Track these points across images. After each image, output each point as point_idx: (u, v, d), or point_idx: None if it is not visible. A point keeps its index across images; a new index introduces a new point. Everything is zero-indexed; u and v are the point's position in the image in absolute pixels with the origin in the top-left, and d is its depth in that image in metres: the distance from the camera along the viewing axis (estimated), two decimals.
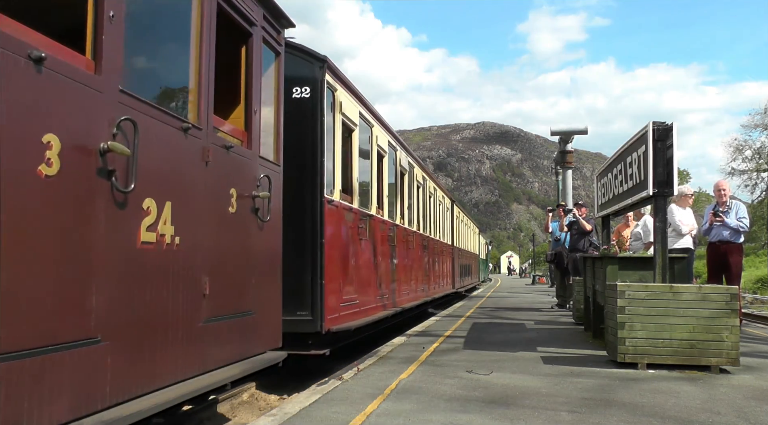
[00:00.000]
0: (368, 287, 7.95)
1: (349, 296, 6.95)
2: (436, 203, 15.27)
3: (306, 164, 6.13)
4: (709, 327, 5.29)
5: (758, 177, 46.80)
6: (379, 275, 8.62)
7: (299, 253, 5.98)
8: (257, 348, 4.43)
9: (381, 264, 8.71)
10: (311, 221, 6.08)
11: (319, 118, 6.17)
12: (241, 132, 4.38)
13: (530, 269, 67.44)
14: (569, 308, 11.99)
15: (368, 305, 7.85)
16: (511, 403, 4.09)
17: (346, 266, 6.97)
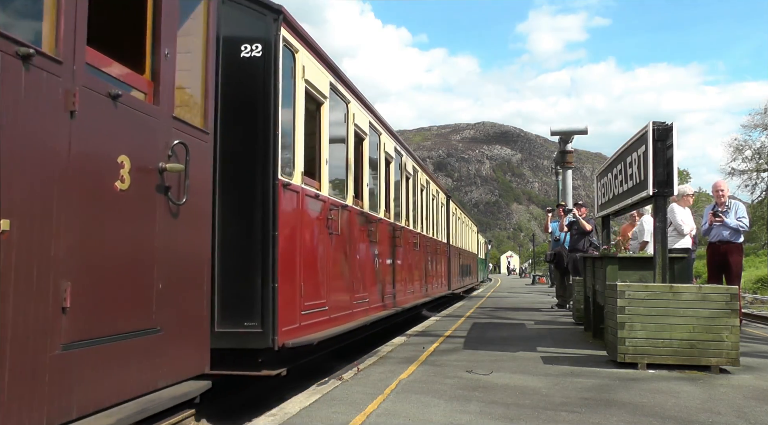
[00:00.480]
0: (341, 290, 6.76)
1: (315, 302, 5.79)
2: (429, 197, 13.96)
3: (256, 138, 4.96)
4: (709, 327, 5.29)
5: (758, 177, 46.83)
6: (357, 276, 7.43)
7: (246, 249, 4.89)
8: (167, 377, 3.39)
9: (359, 264, 7.55)
10: (262, 210, 4.90)
11: (273, 82, 4.97)
12: (145, 82, 3.32)
13: (530, 269, 67.44)
14: (569, 308, 11.99)
15: (342, 311, 6.67)
16: (511, 403, 4.09)
17: (311, 266, 5.80)
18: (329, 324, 6.14)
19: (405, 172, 11.03)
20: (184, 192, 3.57)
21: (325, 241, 6.21)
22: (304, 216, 5.67)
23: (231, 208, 4.88)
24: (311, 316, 5.66)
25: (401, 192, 10.77)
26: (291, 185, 5.24)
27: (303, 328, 5.39)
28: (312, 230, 5.90)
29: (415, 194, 12.14)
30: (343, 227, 6.78)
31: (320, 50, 6.12)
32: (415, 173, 12.10)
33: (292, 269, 5.26)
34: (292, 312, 5.16)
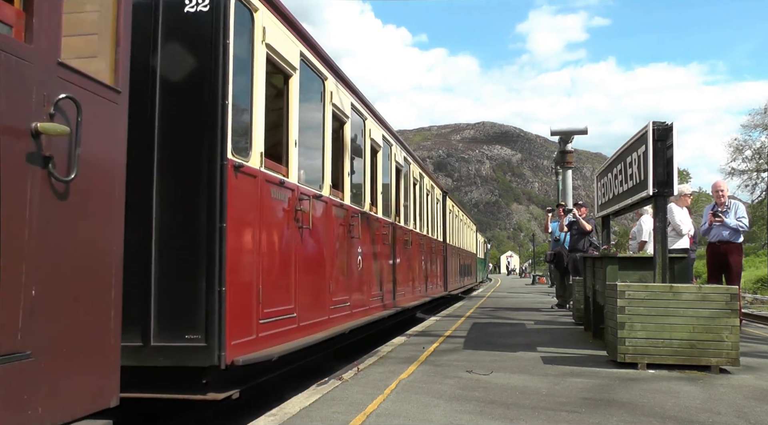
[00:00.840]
0: (315, 294, 5.94)
1: (279, 308, 4.97)
2: (423, 191, 12.93)
3: (200, 108, 4.12)
4: (709, 327, 5.29)
5: (758, 177, 46.85)
6: (336, 277, 6.61)
7: (188, 245, 4.07)
8: (42, 419, 2.41)
9: (339, 263, 6.76)
10: (207, 196, 4.05)
11: (222, 41, 4.16)
12: (12, 12, 2.47)
13: (530, 269, 67.45)
14: (569, 308, 12.00)
15: (315, 318, 5.86)
16: (511, 403, 4.09)
17: (275, 266, 4.97)
18: (298, 333, 5.30)
19: (395, 163, 10.13)
20: (74, 165, 2.59)
21: (293, 237, 5.33)
22: (265, 206, 4.78)
23: (171, 194, 4.11)
24: (274, 325, 4.81)
25: (391, 185, 9.85)
26: (245, 168, 4.37)
27: (261, 340, 4.55)
28: (275, 223, 5.01)
29: (407, 188, 11.27)
30: (317, 221, 5.94)
31: (288, 13, 5.31)
32: (407, 165, 11.16)
33: (247, 270, 4.41)
34: (245, 322, 4.35)
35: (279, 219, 5.10)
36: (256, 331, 4.50)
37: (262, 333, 4.60)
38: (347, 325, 6.69)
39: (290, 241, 5.30)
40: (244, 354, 4.20)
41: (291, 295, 5.23)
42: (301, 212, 5.47)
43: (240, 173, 4.31)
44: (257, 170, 4.63)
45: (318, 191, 6.07)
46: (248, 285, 4.43)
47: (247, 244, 4.48)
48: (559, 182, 21.24)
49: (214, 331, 3.96)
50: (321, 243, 6.14)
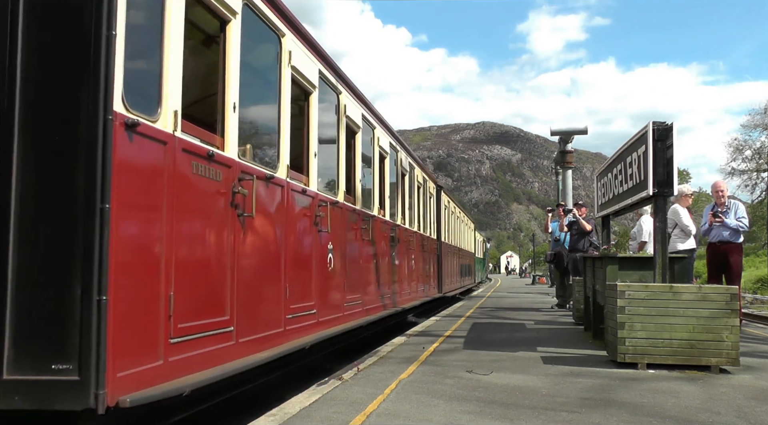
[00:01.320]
0: (265, 300, 4.76)
1: (205, 321, 3.82)
2: (414, 184, 11.74)
3: (76, 40, 3.01)
4: (709, 327, 5.29)
5: (758, 177, 46.83)
6: (298, 279, 5.43)
7: (57, 237, 2.95)
8: None
9: (302, 262, 5.56)
10: (84, 165, 2.93)
11: None
12: None
13: (530, 269, 67.45)
14: (569, 308, 11.99)
15: (265, 330, 4.68)
16: (511, 403, 4.09)
17: (196, 265, 3.78)
18: (236, 352, 4.14)
19: (379, 149, 8.95)
20: None
21: (230, 227, 4.17)
22: (183, 184, 3.63)
23: (38, 163, 2.98)
24: (195, 344, 3.67)
25: (374, 173, 8.67)
26: (146, 129, 3.24)
27: (173, 367, 3.40)
28: (200, 209, 3.86)
29: (395, 178, 10.12)
30: (267, 209, 4.83)
31: None
32: (394, 152, 10.03)
33: (147, 271, 3.28)
34: (144, 343, 3.21)
35: (205, 204, 3.94)
36: (165, 355, 3.34)
37: (175, 356, 3.42)
38: (309, 338, 5.46)
39: (225, 233, 4.12)
40: (139, 389, 3.06)
41: (225, 303, 4.08)
42: (240, 196, 4.26)
43: (137, 135, 3.16)
44: (169, 134, 3.48)
45: (269, 172, 4.87)
46: (149, 292, 3.28)
47: (149, 235, 3.30)
48: (559, 182, 21.25)
49: (90, 359, 2.81)
50: (274, 237, 4.89)
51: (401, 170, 10.67)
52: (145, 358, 3.22)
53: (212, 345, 3.89)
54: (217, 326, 3.96)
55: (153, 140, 3.35)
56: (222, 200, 4.11)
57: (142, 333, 3.23)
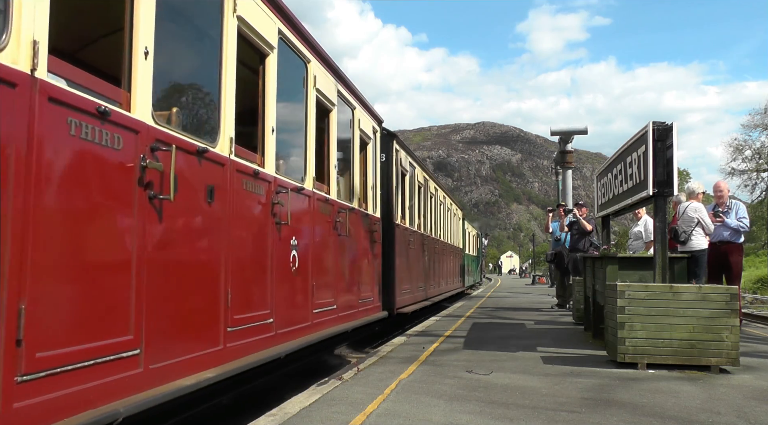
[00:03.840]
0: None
1: (81, 346, 2.70)
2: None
3: None
4: (709, 327, 5.29)
5: (758, 177, 46.81)
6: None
7: None
8: None
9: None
10: None
11: None
12: None
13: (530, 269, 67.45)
14: (569, 308, 12.00)
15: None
16: (511, 403, 4.09)
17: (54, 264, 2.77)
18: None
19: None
20: None
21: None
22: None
23: None
24: (61, 381, 2.60)
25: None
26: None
27: (21, 415, 2.38)
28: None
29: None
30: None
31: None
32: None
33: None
34: None
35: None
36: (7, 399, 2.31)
37: (24, 400, 2.39)
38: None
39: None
40: None
41: (128, 319, 3.07)
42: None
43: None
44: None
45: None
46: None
47: None
48: (559, 182, 21.24)
49: None
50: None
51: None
52: None
53: (89, 380, 2.77)
54: (98, 352, 2.86)
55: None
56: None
57: None
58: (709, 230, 8.71)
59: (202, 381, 3.57)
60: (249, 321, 4.41)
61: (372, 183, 8.53)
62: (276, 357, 4.71)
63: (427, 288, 12.83)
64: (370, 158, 8.55)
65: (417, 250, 11.64)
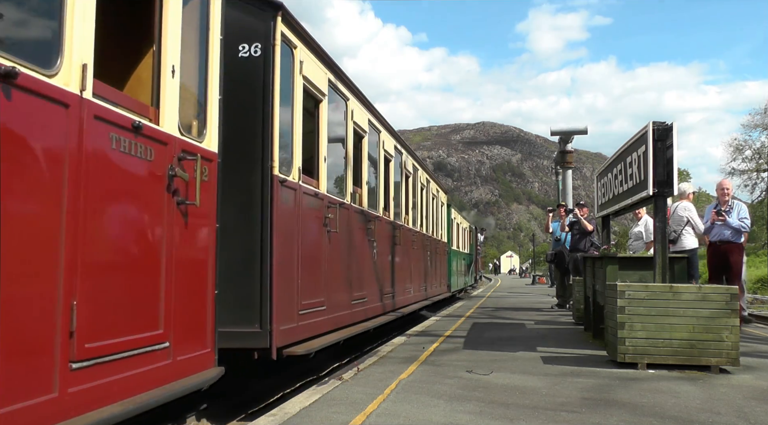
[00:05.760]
0: None
1: None
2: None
3: None
4: (709, 327, 5.29)
5: (758, 177, 46.77)
6: None
7: None
8: None
9: None
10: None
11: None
12: None
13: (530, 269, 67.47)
14: (569, 308, 12.00)
15: None
16: (511, 403, 4.09)
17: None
18: None
19: None
20: None
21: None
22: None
23: None
24: None
25: None
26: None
27: None
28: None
29: None
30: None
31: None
32: None
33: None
34: None
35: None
36: None
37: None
38: None
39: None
40: None
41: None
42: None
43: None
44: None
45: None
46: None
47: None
48: (559, 182, 21.25)
49: None
50: None
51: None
52: None
53: None
54: None
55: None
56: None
57: None
58: (699, 230, 8.73)
59: None
60: None
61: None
62: None
63: (381, 298, 8.66)
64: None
65: (348, 236, 7.09)
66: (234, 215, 4.83)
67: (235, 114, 4.67)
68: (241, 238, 4.94)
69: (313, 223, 6.02)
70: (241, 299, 4.90)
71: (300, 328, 5.48)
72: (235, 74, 4.74)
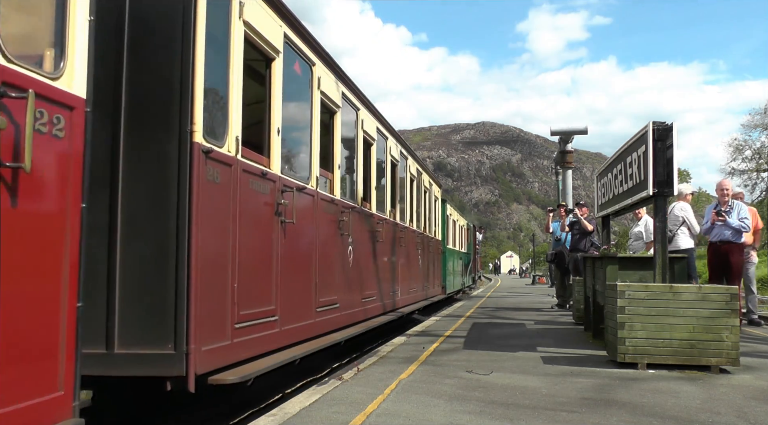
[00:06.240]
0: None
1: None
2: None
3: None
4: (709, 327, 5.29)
5: (758, 177, 46.78)
6: None
7: None
8: None
9: None
10: None
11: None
12: None
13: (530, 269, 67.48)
14: (569, 308, 12.00)
15: None
16: (511, 403, 4.09)
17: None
18: None
19: None
20: None
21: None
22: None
23: None
24: None
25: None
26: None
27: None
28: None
29: None
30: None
31: None
32: None
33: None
34: None
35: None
36: None
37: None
38: None
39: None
40: None
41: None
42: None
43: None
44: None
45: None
46: None
47: None
48: (559, 182, 21.23)
49: None
50: None
51: None
52: None
53: None
54: None
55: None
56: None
57: None
58: (694, 230, 8.74)
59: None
60: None
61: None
62: None
63: (360, 303, 7.63)
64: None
65: (314, 230, 5.96)
66: (144, 196, 3.85)
67: (146, 61, 3.89)
68: (152, 228, 3.84)
69: (261, 211, 4.81)
70: (150, 310, 3.79)
71: (236, 346, 4.27)
72: (146, 9, 3.90)
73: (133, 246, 3.79)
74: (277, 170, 5.10)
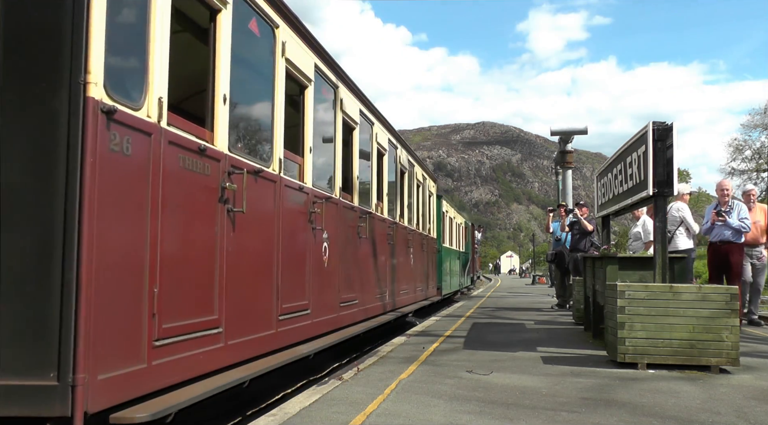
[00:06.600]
0: None
1: None
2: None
3: None
4: (709, 327, 5.29)
5: (758, 177, 46.78)
6: None
7: None
8: None
9: None
10: None
11: None
12: None
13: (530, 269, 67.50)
14: (569, 308, 12.00)
15: None
16: (511, 403, 4.09)
17: None
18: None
19: None
20: None
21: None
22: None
23: None
24: None
25: None
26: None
27: None
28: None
29: None
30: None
31: None
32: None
33: None
34: None
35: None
36: None
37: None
38: None
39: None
40: None
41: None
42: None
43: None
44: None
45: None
46: None
47: None
48: (559, 182, 21.23)
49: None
50: None
51: None
52: None
53: None
54: None
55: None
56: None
57: None
58: (693, 230, 8.75)
59: None
60: None
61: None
62: None
63: (335, 310, 6.56)
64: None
65: (275, 222, 4.99)
66: (21, 170, 2.84)
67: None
68: (32, 212, 2.83)
69: (197, 196, 3.78)
70: (29, 324, 2.77)
71: (157, 370, 3.29)
72: None
73: (7, 238, 2.78)
74: (223, 146, 4.07)
